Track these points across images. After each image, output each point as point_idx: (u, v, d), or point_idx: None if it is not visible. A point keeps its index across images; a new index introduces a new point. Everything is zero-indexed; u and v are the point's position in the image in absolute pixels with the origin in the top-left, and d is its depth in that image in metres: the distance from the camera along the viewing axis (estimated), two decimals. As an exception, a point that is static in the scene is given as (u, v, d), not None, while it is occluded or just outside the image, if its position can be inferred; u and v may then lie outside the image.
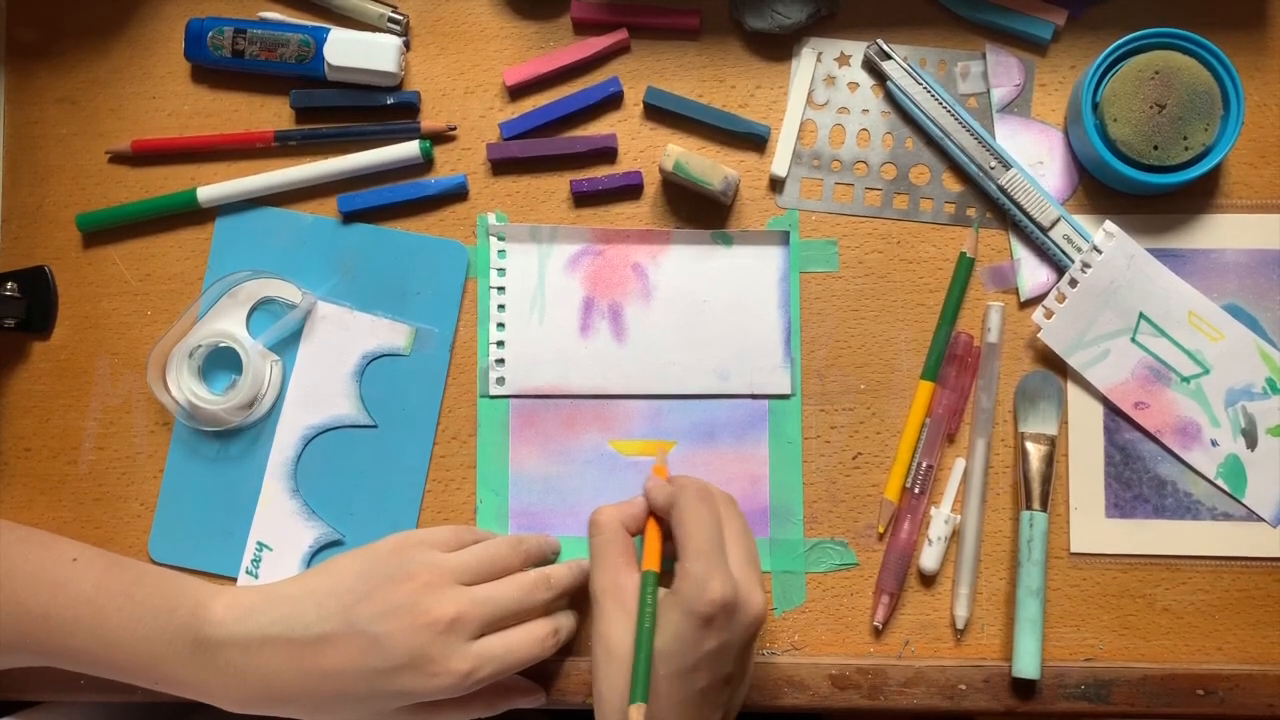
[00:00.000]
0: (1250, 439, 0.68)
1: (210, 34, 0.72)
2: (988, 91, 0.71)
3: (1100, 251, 0.68)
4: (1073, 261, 0.68)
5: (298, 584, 0.62)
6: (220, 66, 0.73)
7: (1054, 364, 0.69)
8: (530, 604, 0.62)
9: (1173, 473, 0.69)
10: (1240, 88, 0.66)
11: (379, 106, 0.72)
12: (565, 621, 0.64)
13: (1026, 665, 0.66)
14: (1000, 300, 0.70)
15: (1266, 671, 0.67)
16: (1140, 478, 0.69)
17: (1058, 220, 0.69)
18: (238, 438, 0.71)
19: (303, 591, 0.61)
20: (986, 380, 0.69)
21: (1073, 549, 0.69)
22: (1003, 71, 0.71)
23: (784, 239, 0.71)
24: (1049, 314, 0.68)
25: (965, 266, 0.70)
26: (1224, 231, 0.69)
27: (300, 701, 0.61)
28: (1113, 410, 0.69)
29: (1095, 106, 0.67)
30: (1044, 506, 0.67)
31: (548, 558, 0.67)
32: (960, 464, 0.69)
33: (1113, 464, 0.69)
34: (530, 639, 0.61)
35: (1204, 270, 0.69)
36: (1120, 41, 0.67)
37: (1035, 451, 0.68)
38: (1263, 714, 0.66)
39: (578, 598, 0.67)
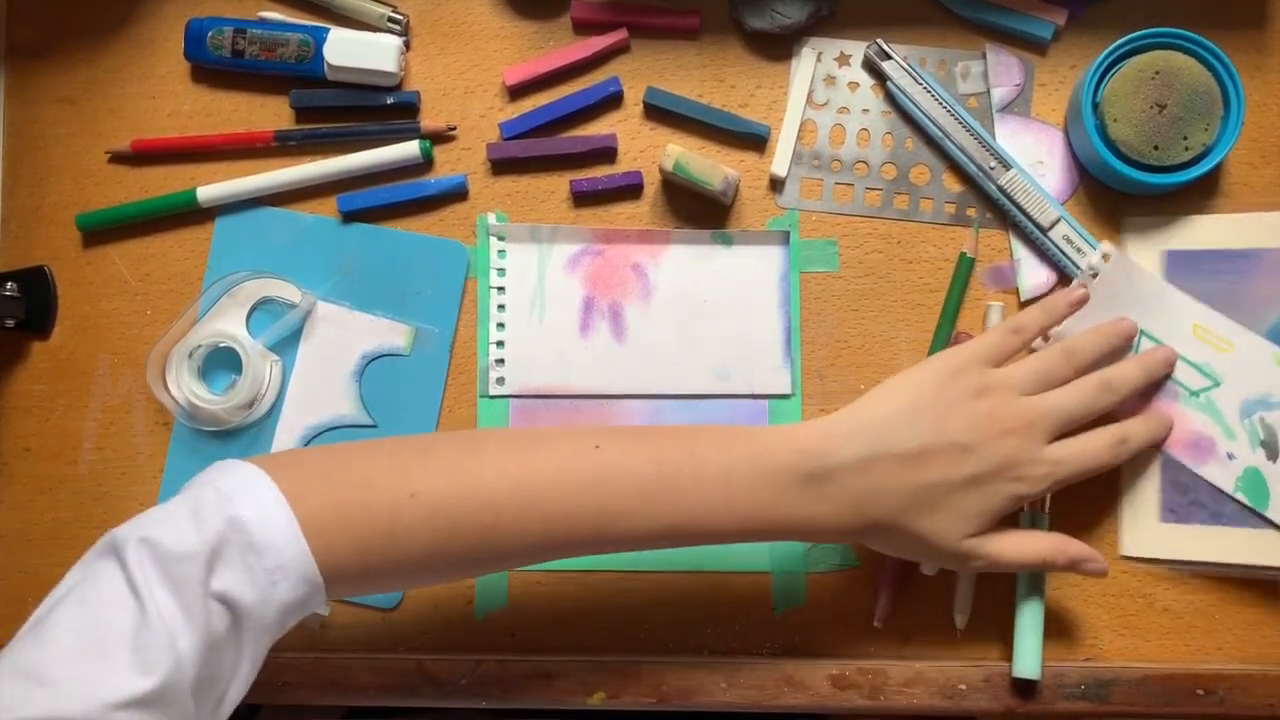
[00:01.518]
0: (1271, 450, 0.66)
1: (210, 34, 0.72)
2: (988, 91, 0.71)
3: (1096, 274, 0.67)
4: (1072, 263, 0.68)
5: (876, 407, 0.62)
6: (220, 66, 0.73)
7: (1054, 364, 0.69)
8: (1093, 410, 0.63)
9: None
10: (1240, 88, 0.66)
11: (379, 106, 0.72)
12: (1137, 429, 0.65)
13: (1026, 665, 0.66)
14: (1000, 300, 0.70)
15: (1266, 671, 0.67)
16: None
17: (1057, 220, 0.69)
18: (238, 438, 0.71)
19: (888, 412, 0.61)
20: (986, 380, 0.69)
21: (1073, 549, 0.68)
22: (1003, 71, 0.71)
23: (784, 239, 0.71)
24: (1048, 337, 0.67)
25: (965, 266, 0.70)
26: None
27: (894, 517, 0.61)
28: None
29: (1095, 106, 0.67)
30: (1044, 506, 0.67)
31: (1102, 362, 0.66)
32: (960, 464, 0.69)
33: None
34: (1099, 445, 0.63)
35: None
36: (1120, 41, 0.67)
37: (1035, 451, 0.68)
38: (1262, 714, 0.66)
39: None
